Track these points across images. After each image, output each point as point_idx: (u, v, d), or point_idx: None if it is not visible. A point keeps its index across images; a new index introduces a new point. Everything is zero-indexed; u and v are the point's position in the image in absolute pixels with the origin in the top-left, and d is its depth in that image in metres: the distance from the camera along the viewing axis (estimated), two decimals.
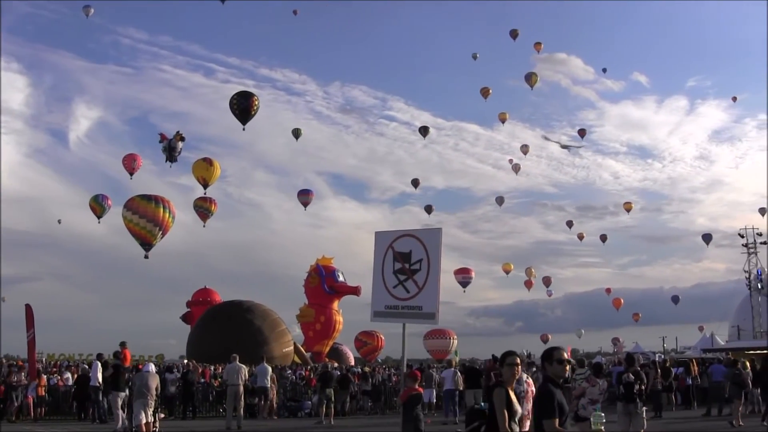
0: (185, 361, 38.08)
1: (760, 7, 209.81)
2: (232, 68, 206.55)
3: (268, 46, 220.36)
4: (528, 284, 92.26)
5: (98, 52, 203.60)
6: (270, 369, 30.13)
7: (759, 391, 27.56)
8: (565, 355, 7.59)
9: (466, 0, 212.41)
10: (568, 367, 7.77)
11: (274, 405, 31.16)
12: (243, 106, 51.92)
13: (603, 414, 8.41)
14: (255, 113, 52.72)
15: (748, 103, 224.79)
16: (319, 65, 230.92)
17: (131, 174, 55.78)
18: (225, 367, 29.05)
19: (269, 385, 29.63)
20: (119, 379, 22.92)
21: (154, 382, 20.87)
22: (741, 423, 24.70)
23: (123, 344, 26.22)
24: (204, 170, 54.90)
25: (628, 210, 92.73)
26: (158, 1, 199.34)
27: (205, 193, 56.60)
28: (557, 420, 7.08)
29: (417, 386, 15.29)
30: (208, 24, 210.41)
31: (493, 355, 35.77)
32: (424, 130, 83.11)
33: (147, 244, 49.87)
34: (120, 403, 22.64)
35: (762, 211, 77.32)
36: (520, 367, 8.71)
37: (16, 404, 27.43)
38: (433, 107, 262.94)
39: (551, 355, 7.58)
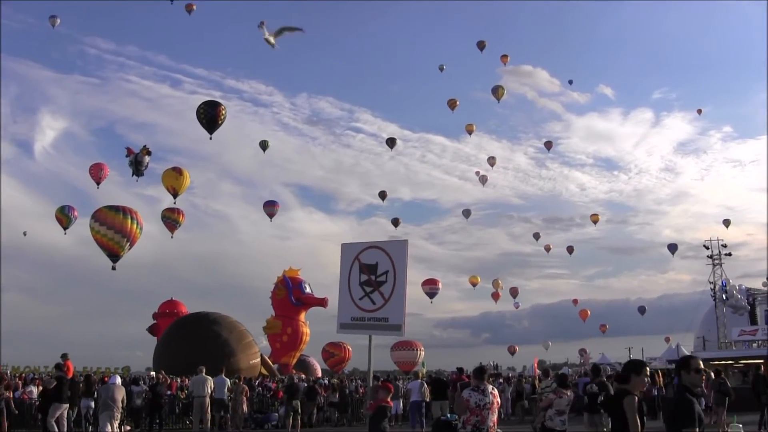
0: (152, 373, 37.95)
1: (724, 21, 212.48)
2: (199, 79, 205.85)
3: (235, 57, 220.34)
4: (495, 296, 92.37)
5: (64, 62, 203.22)
6: (228, 381, 30.05)
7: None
8: (701, 365, 7.58)
9: (432, 12, 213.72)
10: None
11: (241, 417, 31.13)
12: (210, 116, 51.89)
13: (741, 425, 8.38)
14: (222, 122, 52.72)
15: (713, 116, 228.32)
16: (286, 76, 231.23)
17: (98, 183, 55.52)
18: (191, 379, 29.03)
19: (226, 397, 29.43)
20: (62, 391, 22.74)
21: (120, 394, 20.85)
22: (727, 430, 25.30)
23: (65, 356, 25.95)
24: (173, 180, 54.72)
25: (595, 222, 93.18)
26: (125, 11, 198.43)
27: (174, 203, 56.49)
28: (697, 429, 7.09)
29: (388, 399, 15.38)
30: (175, 34, 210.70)
31: (459, 368, 36.01)
32: (391, 142, 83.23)
33: (114, 256, 49.66)
34: (57, 414, 22.41)
35: (726, 222, 78.17)
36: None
37: None
38: (399, 119, 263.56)
39: (688, 363, 7.59)
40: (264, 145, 71.94)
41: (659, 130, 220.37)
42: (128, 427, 27.84)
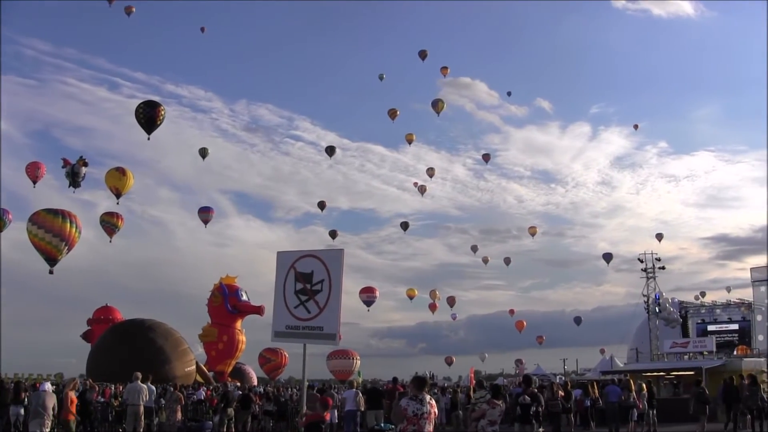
0: (85, 380, 37.55)
1: (662, 38, 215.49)
2: (138, 83, 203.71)
3: (174, 62, 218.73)
4: (432, 307, 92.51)
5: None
6: (154, 388, 29.72)
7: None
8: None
9: (373, 21, 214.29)
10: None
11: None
12: (149, 116, 51.48)
13: None
14: (161, 123, 52.32)
15: (649, 131, 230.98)
16: (226, 83, 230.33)
17: (34, 182, 54.79)
18: (126, 387, 28.71)
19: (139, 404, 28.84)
20: None
21: (51, 401, 20.56)
22: None
23: None
24: (117, 180, 54.07)
25: (533, 234, 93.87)
26: (63, 12, 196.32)
27: (117, 203, 55.90)
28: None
29: (325, 413, 15.36)
30: (114, 38, 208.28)
31: (394, 378, 36.10)
32: (330, 150, 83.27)
33: (52, 259, 48.96)
34: None
35: (659, 236, 79.28)
36: None
37: None
38: (339, 128, 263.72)
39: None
40: (203, 152, 71.62)
41: (596, 144, 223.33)
42: None
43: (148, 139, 52.52)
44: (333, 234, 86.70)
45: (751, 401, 27.64)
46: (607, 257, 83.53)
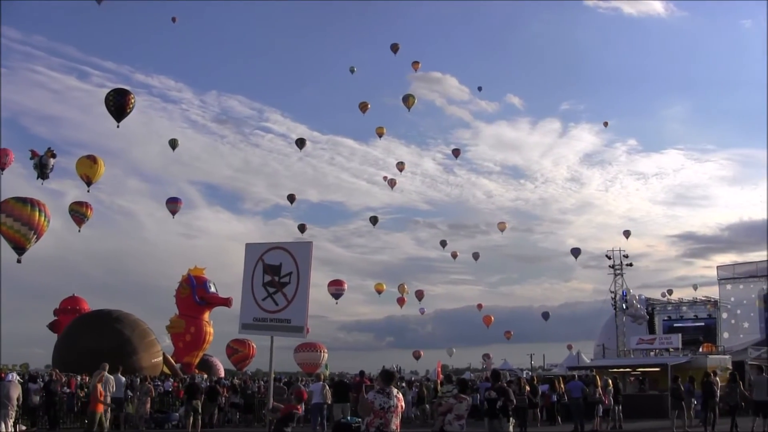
0: (51, 370, 37.31)
1: (631, 36, 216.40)
2: (108, 72, 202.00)
3: (145, 51, 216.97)
4: (401, 301, 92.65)
5: None
6: (124, 379, 29.58)
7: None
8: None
9: (344, 15, 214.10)
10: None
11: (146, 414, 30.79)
12: (119, 103, 51.13)
13: None
14: (130, 111, 51.98)
15: (619, 129, 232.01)
16: (196, 73, 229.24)
17: (2, 170, 54.22)
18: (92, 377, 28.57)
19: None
20: None
21: (16, 392, 20.41)
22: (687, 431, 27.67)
23: None
24: (87, 168, 53.58)
25: (502, 230, 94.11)
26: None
27: (88, 191, 55.45)
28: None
29: (299, 406, 15.36)
30: (84, 26, 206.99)
31: (361, 371, 36.13)
32: (300, 143, 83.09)
33: (20, 248, 48.48)
34: None
35: (626, 233, 79.72)
36: None
37: None
38: (309, 120, 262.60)
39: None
40: (173, 144, 71.28)
41: (566, 140, 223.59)
42: (23, 427, 27.32)
43: (118, 127, 52.23)
44: (302, 228, 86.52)
45: (729, 398, 28.01)
46: (575, 252, 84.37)
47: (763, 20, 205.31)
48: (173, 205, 68.07)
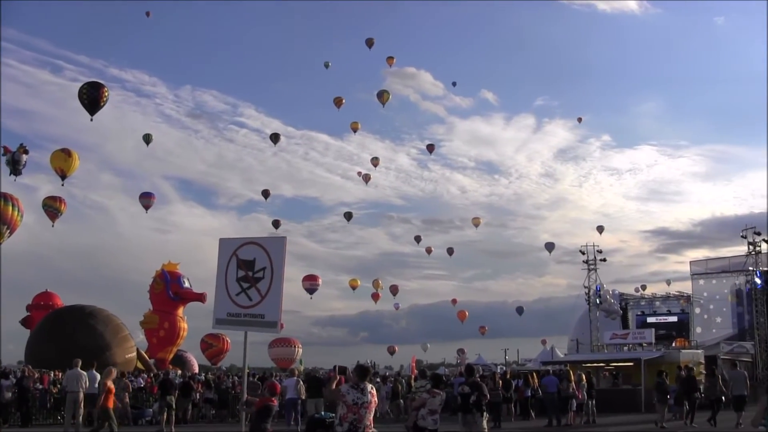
0: (23, 366, 37.13)
1: (606, 32, 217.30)
2: (81, 66, 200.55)
3: (119, 45, 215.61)
4: (375, 297, 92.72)
5: None
6: (98, 375, 29.51)
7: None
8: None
9: (319, 9, 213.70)
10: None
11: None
12: (92, 97, 50.90)
13: None
14: (104, 104, 51.75)
15: (593, 124, 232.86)
16: (170, 68, 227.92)
17: None
18: (65, 374, 28.40)
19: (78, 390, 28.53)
20: None
21: None
22: (664, 425, 27.36)
23: None
24: (62, 161, 53.27)
25: (477, 225, 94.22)
26: None
27: (62, 185, 55.19)
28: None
29: (273, 399, 15.32)
30: (57, 19, 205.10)
31: (335, 366, 36.09)
32: (274, 137, 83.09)
33: None
34: None
35: (600, 228, 79.97)
36: None
37: None
38: (283, 115, 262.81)
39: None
40: (147, 138, 71.07)
41: (540, 136, 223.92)
42: None
43: (91, 120, 52.04)
44: (276, 224, 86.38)
45: (710, 392, 28.35)
46: (549, 246, 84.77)
47: (736, 17, 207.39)
48: (146, 200, 67.82)
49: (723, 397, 28.29)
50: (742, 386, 26.89)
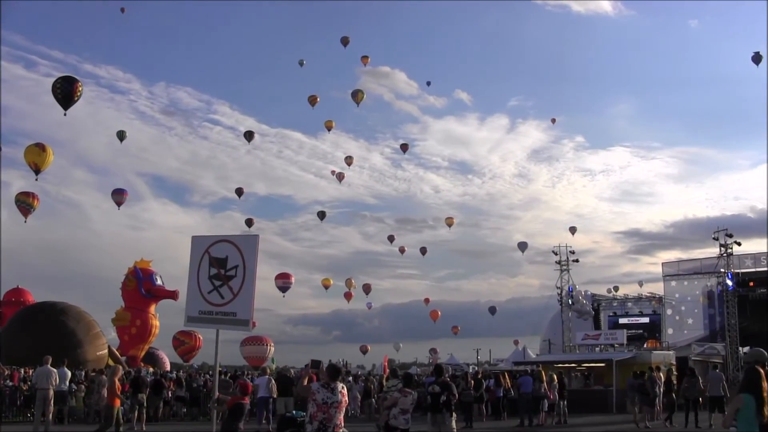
0: None
1: (580, 34, 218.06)
2: (55, 62, 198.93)
3: (93, 41, 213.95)
4: (348, 296, 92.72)
5: None
6: (69, 372, 29.34)
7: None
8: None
9: (294, 7, 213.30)
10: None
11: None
12: (66, 91, 50.64)
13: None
14: (78, 99, 51.51)
15: (566, 125, 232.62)
16: (145, 64, 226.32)
17: None
18: (35, 371, 28.24)
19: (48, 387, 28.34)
20: None
21: None
22: (648, 425, 27.97)
23: None
24: (36, 155, 52.97)
25: (450, 225, 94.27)
26: None
27: (36, 179, 54.90)
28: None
29: (245, 398, 15.31)
30: (31, 14, 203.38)
31: (307, 364, 36.05)
32: (249, 135, 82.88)
33: None
34: None
35: (572, 229, 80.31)
36: None
37: None
38: (257, 113, 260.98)
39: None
40: (121, 135, 70.81)
41: (514, 136, 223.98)
42: None
43: (65, 114, 51.81)
44: (249, 222, 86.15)
45: (689, 392, 28.54)
46: (522, 246, 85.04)
47: (710, 20, 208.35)
48: (119, 196, 67.48)
49: (700, 398, 28.54)
50: (718, 387, 27.13)
